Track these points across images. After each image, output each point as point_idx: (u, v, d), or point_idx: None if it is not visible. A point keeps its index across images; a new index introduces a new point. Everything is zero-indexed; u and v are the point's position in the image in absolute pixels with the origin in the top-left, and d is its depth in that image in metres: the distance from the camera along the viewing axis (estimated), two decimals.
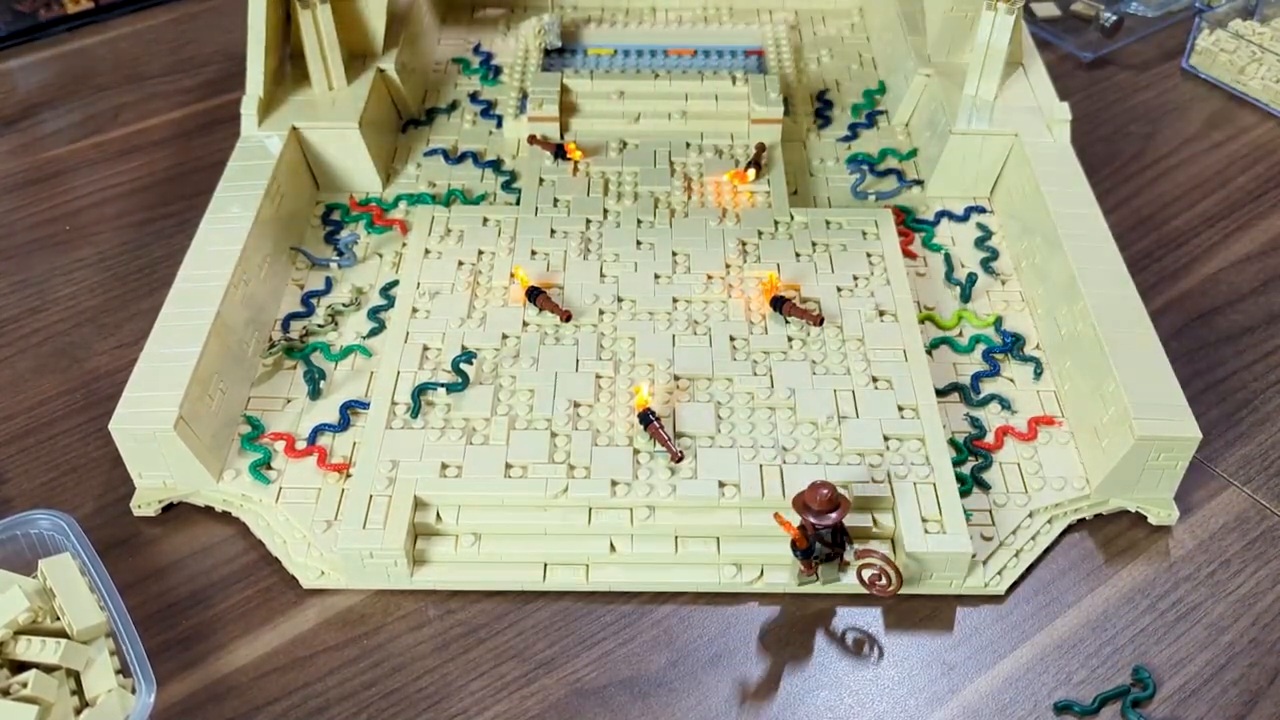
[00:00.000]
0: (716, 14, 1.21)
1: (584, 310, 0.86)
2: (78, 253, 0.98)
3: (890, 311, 0.86)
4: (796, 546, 0.70)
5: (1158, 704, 0.67)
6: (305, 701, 0.68)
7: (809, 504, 0.68)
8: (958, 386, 0.84)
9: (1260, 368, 0.88)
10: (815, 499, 0.68)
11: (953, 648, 0.70)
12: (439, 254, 0.91)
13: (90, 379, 0.87)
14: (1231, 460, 0.81)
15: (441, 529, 0.74)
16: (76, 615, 0.65)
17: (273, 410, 0.82)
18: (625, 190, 0.97)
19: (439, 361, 0.82)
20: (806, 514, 0.68)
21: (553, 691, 0.68)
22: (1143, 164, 1.08)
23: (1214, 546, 0.76)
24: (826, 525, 0.68)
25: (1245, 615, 0.72)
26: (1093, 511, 0.77)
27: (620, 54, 1.14)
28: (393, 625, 0.71)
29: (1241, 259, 0.97)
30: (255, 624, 0.71)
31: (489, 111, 1.10)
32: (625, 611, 0.72)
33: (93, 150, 1.10)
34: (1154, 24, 1.26)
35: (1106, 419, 0.76)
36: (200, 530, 0.77)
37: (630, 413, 0.78)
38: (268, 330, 0.87)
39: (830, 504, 0.68)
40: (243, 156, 0.94)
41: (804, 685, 0.69)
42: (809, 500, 0.68)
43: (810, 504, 0.68)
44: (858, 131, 1.07)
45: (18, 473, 0.81)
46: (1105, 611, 0.72)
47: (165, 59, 1.23)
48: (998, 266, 0.93)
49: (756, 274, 0.89)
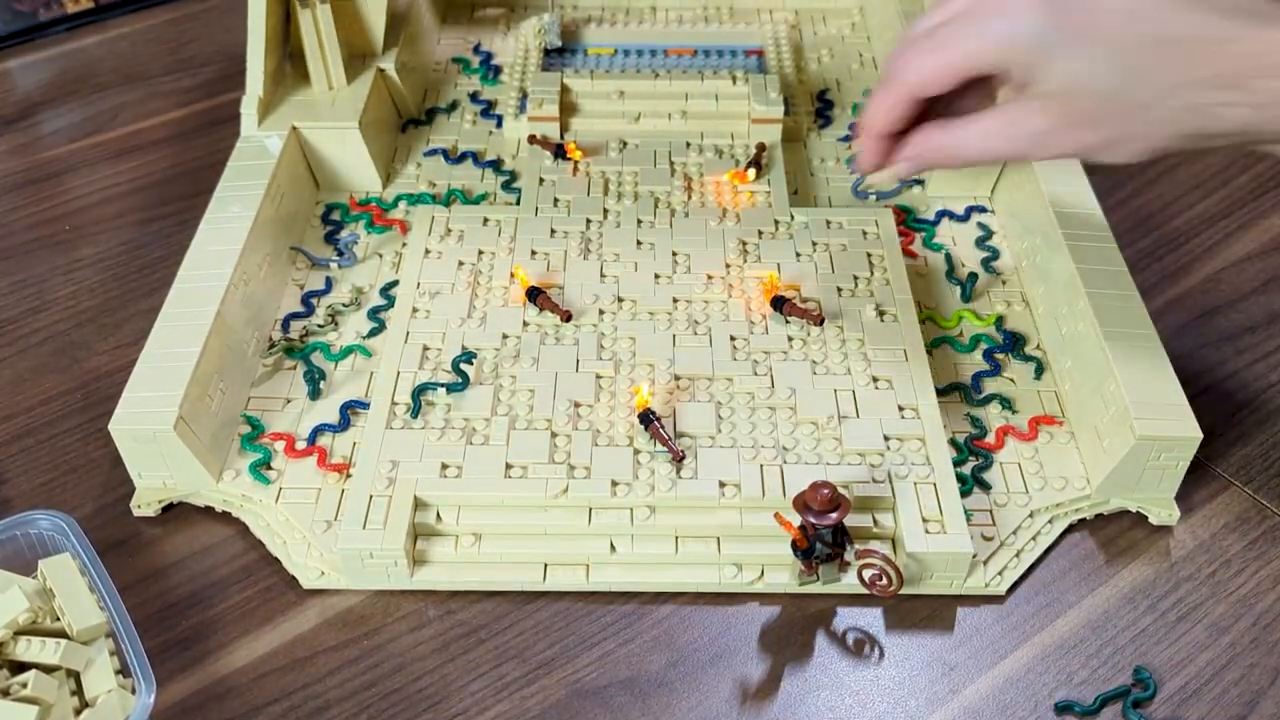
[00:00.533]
0: (716, 13, 1.21)
1: (584, 310, 0.86)
2: (77, 252, 0.98)
3: (891, 311, 0.86)
4: (797, 547, 0.70)
5: (1159, 704, 0.67)
6: (305, 702, 0.68)
7: (809, 504, 0.68)
8: (958, 386, 0.83)
9: (1261, 367, 0.88)
10: (816, 499, 0.67)
11: (953, 648, 0.70)
12: (439, 254, 0.91)
13: (90, 379, 0.87)
14: (1232, 460, 0.81)
15: (441, 529, 0.74)
16: (76, 615, 0.65)
17: (273, 410, 0.82)
18: (625, 190, 0.97)
19: (439, 361, 0.82)
20: (807, 514, 0.68)
21: (553, 692, 0.68)
22: (1143, 163, 1.07)
23: (1215, 546, 0.76)
24: (827, 525, 0.68)
25: (1246, 615, 0.72)
26: (1093, 511, 0.77)
27: (620, 53, 1.14)
28: (393, 626, 0.71)
29: (1243, 258, 0.97)
30: (255, 624, 0.71)
31: (489, 111, 1.10)
32: (625, 612, 0.72)
33: (92, 150, 1.10)
34: None
35: (1107, 419, 0.76)
36: (200, 530, 0.77)
37: (630, 413, 0.78)
38: (267, 330, 0.87)
39: (831, 504, 0.67)
40: (242, 156, 0.94)
41: (804, 685, 0.69)
42: (809, 500, 0.68)
43: (811, 504, 0.68)
44: (858, 131, 1.07)
45: (17, 473, 0.80)
46: (1106, 612, 0.72)
47: (165, 58, 1.23)
48: (998, 266, 0.93)
49: (757, 274, 0.89)
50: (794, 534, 0.69)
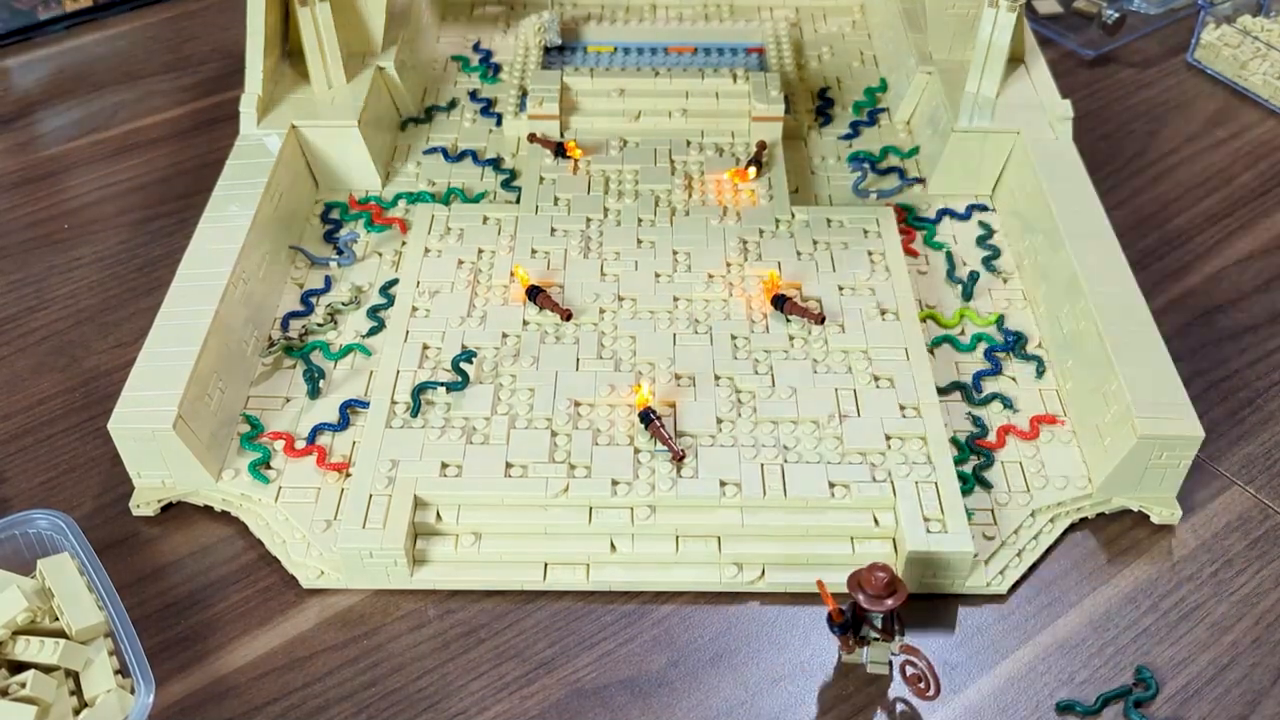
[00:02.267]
0: (717, 11, 1.21)
1: (584, 309, 0.86)
2: (76, 251, 0.98)
3: (892, 310, 0.85)
4: (832, 620, 0.66)
5: (1160, 704, 0.67)
6: (304, 702, 0.67)
7: (864, 586, 0.63)
8: (959, 385, 0.83)
9: (1263, 366, 0.88)
10: (871, 582, 0.63)
11: (955, 647, 0.70)
12: (439, 252, 0.91)
13: (89, 378, 0.87)
14: (1234, 459, 0.81)
15: (441, 529, 0.74)
16: (75, 615, 0.65)
17: (272, 409, 0.82)
18: (626, 188, 0.97)
19: (439, 360, 0.82)
20: (858, 593, 0.63)
21: (553, 692, 0.68)
22: (1145, 161, 1.07)
23: (1217, 546, 0.76)
24: (879, 611, 0.64)
25: (1248, 615, 0.72)
26: (1095, 511, 0.77)
27: (620, 51, 1.14)
28: (392, 625, 0.71)
29: (1244, 257, 0.97)
30: (254, 624, 0.71)
31: (489, 109, 1.09)
32: (626, 611, 0.72)
33: (91, 148, 1.10)
34: (1156, 21, 1.25)
35: (1109, 418, 0.75)
36: (199, 530, 0.76)
37: (631, 412, 0.78)
38: (267, 329, 0.87)
39: (887, 589, 0.63)
40: (241, 155, 0.93)
41: (805, 685, 0.68)
42: (865, 582, 0.63)
43: (865, 586, 0.63)
44: (859, 129, 1.07)
45: (16, 472, 0.80)
46: (1107, 611, 0.72)
47: (164, 57, 1.23)
48: (999, 265, 0.93)
49: (757, 272, 0.89)
50: (830, 606, 0.65)
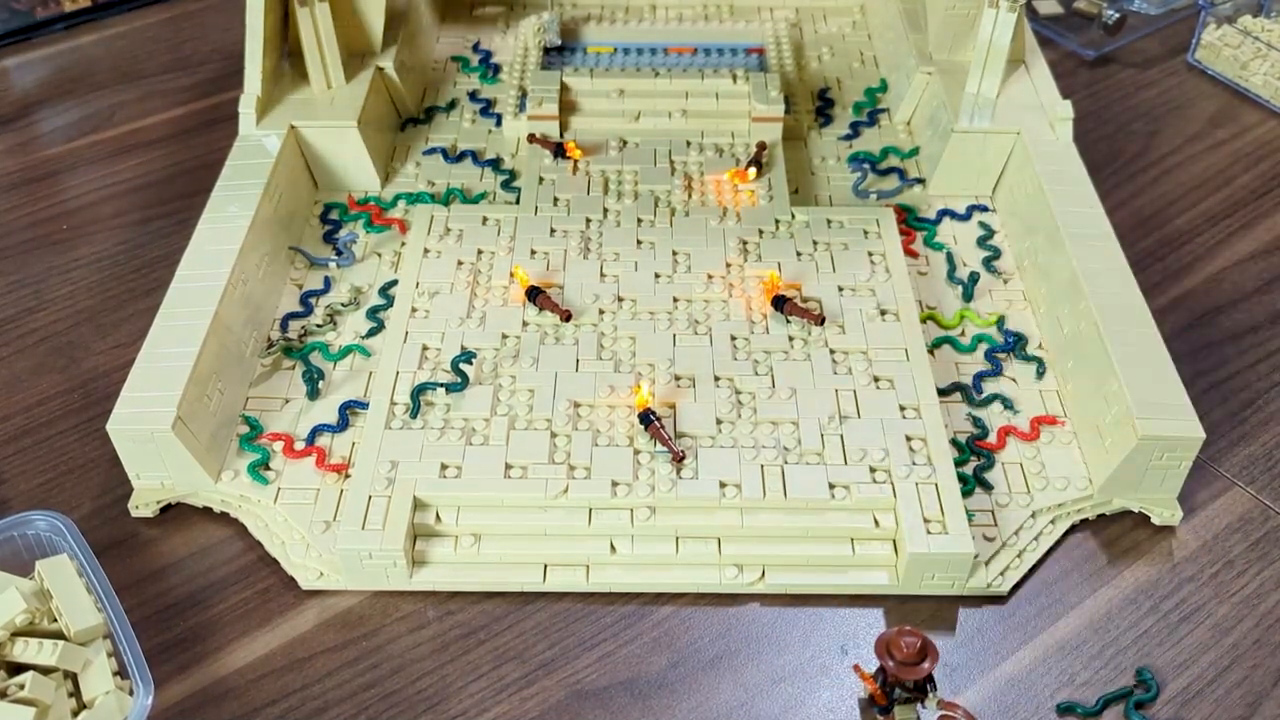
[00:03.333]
0: (717, 11, 1.21)
1: (584, 310, 0.86)
2: (75, 252, 0.98)
3: (892, 311, 0.85)
4: (874, 702, 0.64)
5: (1161, 705, 0.67)
6: (304, 703, 0.67)
7: (893, 653, 0.62)
8: (960, 386, 0.83)
9: (1264, 367, 0.88)
10: (901, 648, 0.61)
11: (955, 649, 0.70)
12: (438, 253, 0.91)
13: (88, 379, 0.87)
14: (1235, 460, 0.81)
15: (441, 530, 0.73)
16: (74, 616, 0.65)
17: (271, 410, 0.82)
18: (625, 189, 0.97)
19: (438, 361, 0.82)
20: (887, 660, 0.62)
21: (553, 693, 0.68)
22: (1145, 162, 1.07)
23: (1218, 547, 0.75)
24: (915, 677, 0.62)
25: (1249, 616, 0.72)
26: (1096, 512, 0.77)
27: (620, 52, 1.14)
28: (392, 626, 0.71)
29: (1245, 258, 0.97)
30: (254, 625, 0.71)
31: (488, 110, 1.09)
32: (626, 612, 0.72)
33: (90, 149, 1.10)
34: (1156, 21, 1.25)
35: (1109, 419, 0.75)
36: (198, 531, 0.76)
37: (630, 412, 0.78)
38: (266, 330, 0.87)
39: (919, 655, 0.61)
40: (241, 155, 0.93)
41: (805, 686, 0.68)
42: (894, 648, 0.62)
43: (895, 653, 0.62)
44: (859, 130, 1.07)
45: (15, 473, 0.80)
46: (1108, 612, 0.72)
47: (163, 57, 1.22)
48: (1000, 265, 0.93)
49: (757, 273, 0.88)
50: (873, 690, 0.64)
